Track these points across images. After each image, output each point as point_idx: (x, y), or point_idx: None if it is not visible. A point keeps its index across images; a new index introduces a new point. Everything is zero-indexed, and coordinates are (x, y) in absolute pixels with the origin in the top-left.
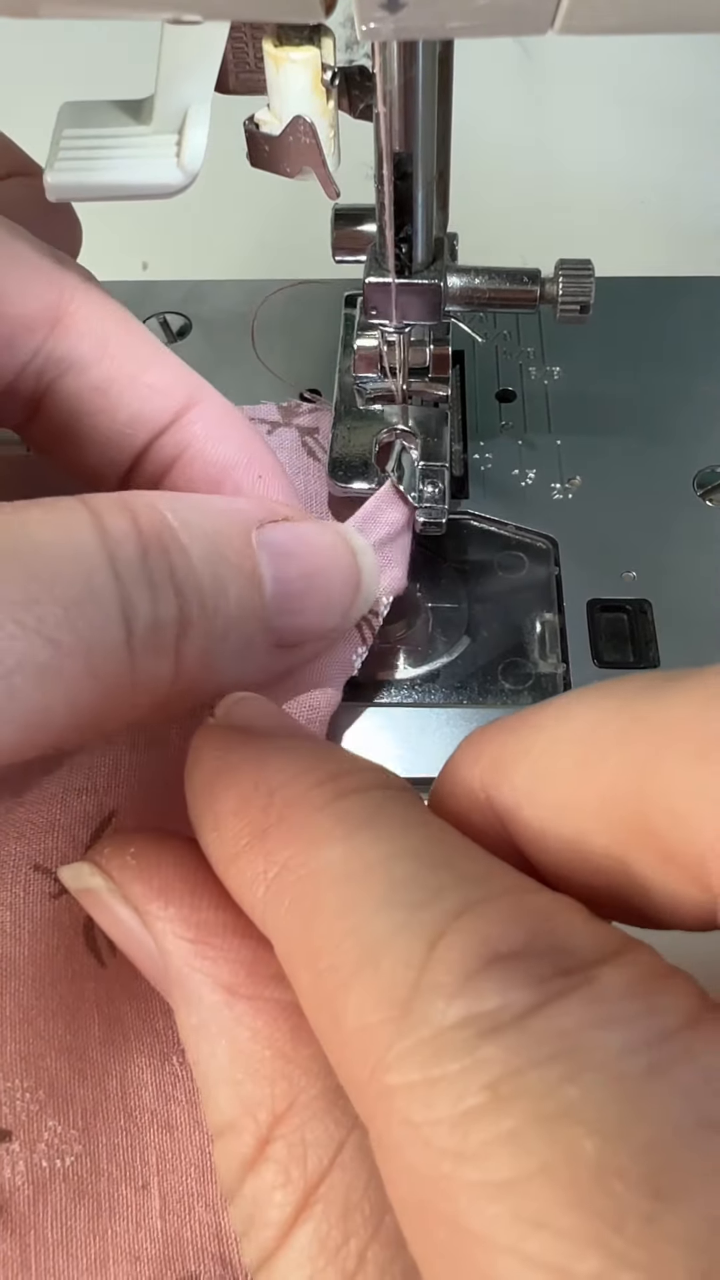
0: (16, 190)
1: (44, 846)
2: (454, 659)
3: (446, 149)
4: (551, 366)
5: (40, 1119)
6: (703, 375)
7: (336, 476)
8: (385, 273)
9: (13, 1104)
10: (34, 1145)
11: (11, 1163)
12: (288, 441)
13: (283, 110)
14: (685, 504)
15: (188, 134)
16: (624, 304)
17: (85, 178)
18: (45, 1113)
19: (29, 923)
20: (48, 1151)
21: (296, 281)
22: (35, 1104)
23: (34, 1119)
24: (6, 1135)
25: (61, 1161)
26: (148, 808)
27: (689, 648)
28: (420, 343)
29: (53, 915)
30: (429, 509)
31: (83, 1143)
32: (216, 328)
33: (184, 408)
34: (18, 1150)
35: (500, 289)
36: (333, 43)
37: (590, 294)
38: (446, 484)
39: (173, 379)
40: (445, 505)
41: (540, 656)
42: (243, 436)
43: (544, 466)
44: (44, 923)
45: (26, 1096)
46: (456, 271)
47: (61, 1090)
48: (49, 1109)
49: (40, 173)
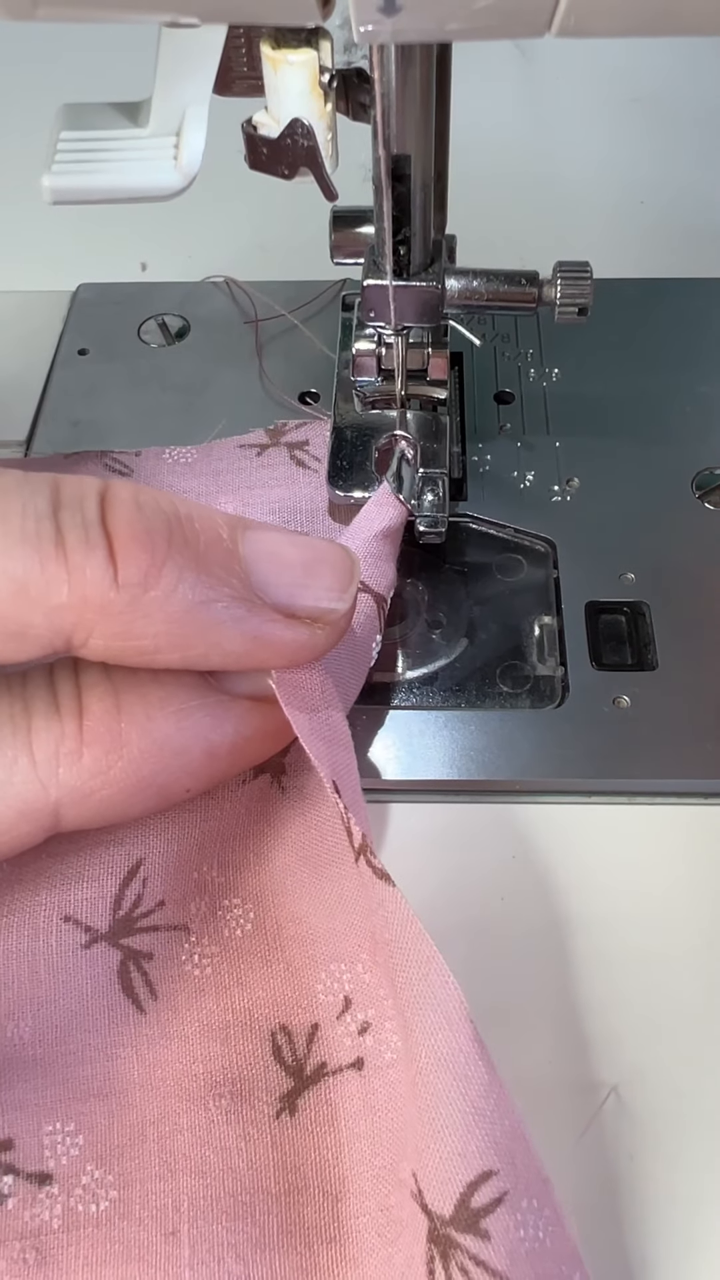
0: None
1: (73, 897)
2: (452, 661)
3: (445, 151)
4: (550, 368)
5: (80, 1164)
6: (701, 377)
7: (336, 484)
8: (383, 275)
9: (54, 1149)
10: (71, 1190)
11: (50, 1205)
12: (277, 460)
13: (280, 112)
14: (684, 506)
15: (185, 136)
16: (622, 306)
17: (83, 180)
18: (85, 1157)
19: (62, 973)
20: (84, 1196)
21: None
22: (75, 1148)
23: (74, 1164)
24: (47, 1179)
25: (96, 1206)
26: (174, 857)
27: (687, 649)
28: (419, 344)
29: (85, 965)
30: (429, 517)
31: (118, 1188)
32: (215, 330)
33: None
34: (56, 1193)
35: (499, 291)
36: (330, 45)
37: (589, 296)
38: (445, 491)
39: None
40: (445, 513)
41: (538, 659)
42: None
43: (542, 468)
44: (77, 972)
45: (67, 1141)
46: (455, 274)
47: (100, 1135)
48: (89, 1154)
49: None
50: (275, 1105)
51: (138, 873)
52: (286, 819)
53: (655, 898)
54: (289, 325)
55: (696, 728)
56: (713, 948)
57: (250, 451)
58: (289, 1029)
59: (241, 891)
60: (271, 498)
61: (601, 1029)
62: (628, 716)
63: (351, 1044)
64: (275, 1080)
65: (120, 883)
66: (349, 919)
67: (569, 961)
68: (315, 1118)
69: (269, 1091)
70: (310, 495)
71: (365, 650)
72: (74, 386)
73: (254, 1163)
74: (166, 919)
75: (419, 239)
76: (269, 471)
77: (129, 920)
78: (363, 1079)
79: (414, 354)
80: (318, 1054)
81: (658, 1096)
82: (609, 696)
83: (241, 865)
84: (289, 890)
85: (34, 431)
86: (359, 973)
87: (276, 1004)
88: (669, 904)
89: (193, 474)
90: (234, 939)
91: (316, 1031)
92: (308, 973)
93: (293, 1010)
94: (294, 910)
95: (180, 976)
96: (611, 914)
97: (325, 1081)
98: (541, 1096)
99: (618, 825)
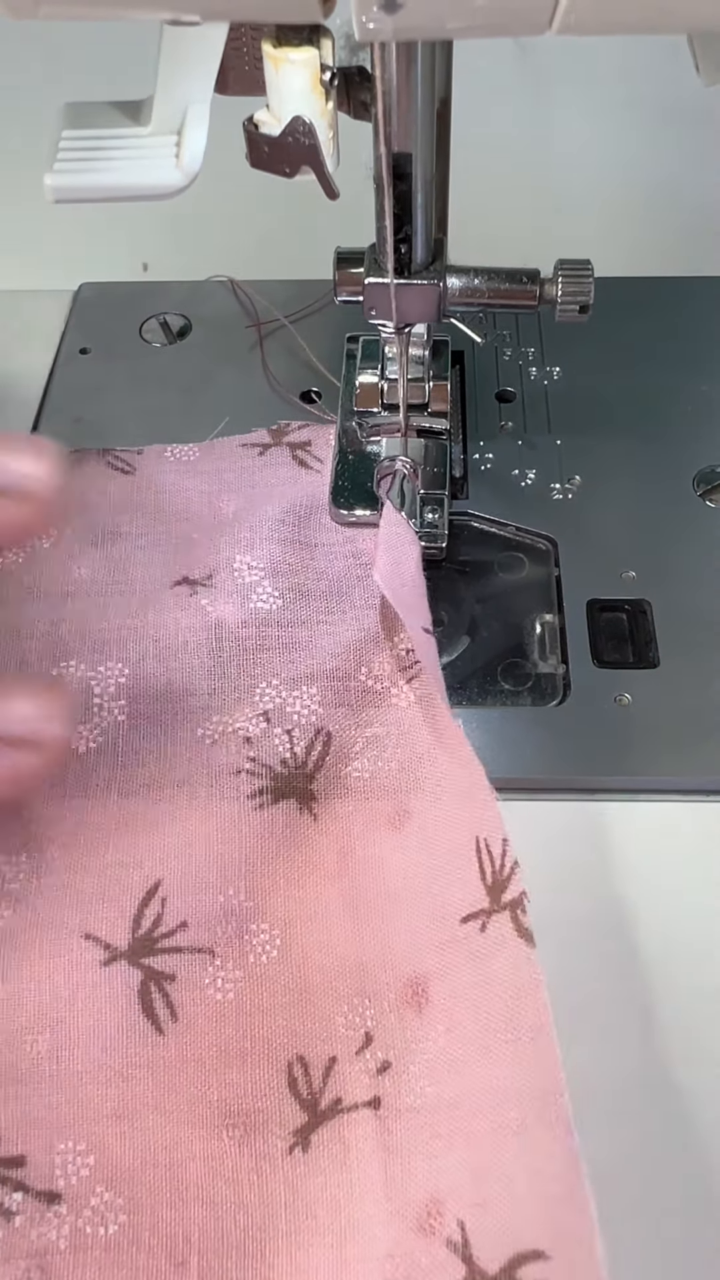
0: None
1: (94, 916)
2: (454, 659)
3: (446, 150)
4: (551, 367)
5: (90, 1184)
6: (702, 375)
7: (339, 504)
8: (385, 274)
9: (64, 1168)
10: (80, 1211)
11: (58, 1225)
12: (280, 459)
13: (282, 111)
14: (685, 504)
15: (187, 135)
16: (623, 304)
17: (85, 179)
18: (95, 1179)
19: (82, 989)
20: (92, 1218)
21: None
22: (85, 1169)
23: (84, 1184)
24: (56, 1198)
25: (105, 1230)
26: (193, 879)
27: (688, 647)
28: (418, 380)
29: (105, 983)
30: (429, 534)
31: (128, 1212)
32: (217, 329)
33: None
34: (64, 1213)
35: (500, 289)
36: (331, 43)
37: (590, 294)
38: (446, 511)
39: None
40: (445, 531)
41: (540, 657)
42: None
43: (544, 467)
44: (96, 989)
45: (78, 1161)
46: (456, 272)
47: (111, 1157)
48: (99, 1175)
49: None
50: (289, 1140)
51: (156, 893)
52: (320, 847)
53: (657, 894)
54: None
55: (698, 725)
56: (712, 943)
57: (252, 451)
58: (306, 1060)
59: (269, 917)
60: (274, 498)
61: (606, 1025)
62: (629, 714)
63: (369, 1082)
64: (289, 1113)
65: (139, 902)
66: (384, 955)
67: (570, 957)
68: (328, 1155)
69: (282, 1125)
70: (312, 495)
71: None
72: (76, 385)
73: (265, 1199)
74: (190, 941)
75: (420, 237)
76: (271, 471)
77: (149, 940)
78: (379, 1120)
79: (414, 388)
80: (333, 1089)
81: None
82: (610, 694)
83: (270, 891)
84: (319, 919)
85: (36, 430)
86: (384, 1010)
87: (295, 1034)
88: (671, 900)
89: (195, 473)
90: (259, 965)
91: (334, 1066)
92: (330, 1004)
93: (311, 1042)
94: (323, 939)
95: (202, 1000)
96: (613, 910)
97: (339, 1119)
98: None
99: (619, 822)
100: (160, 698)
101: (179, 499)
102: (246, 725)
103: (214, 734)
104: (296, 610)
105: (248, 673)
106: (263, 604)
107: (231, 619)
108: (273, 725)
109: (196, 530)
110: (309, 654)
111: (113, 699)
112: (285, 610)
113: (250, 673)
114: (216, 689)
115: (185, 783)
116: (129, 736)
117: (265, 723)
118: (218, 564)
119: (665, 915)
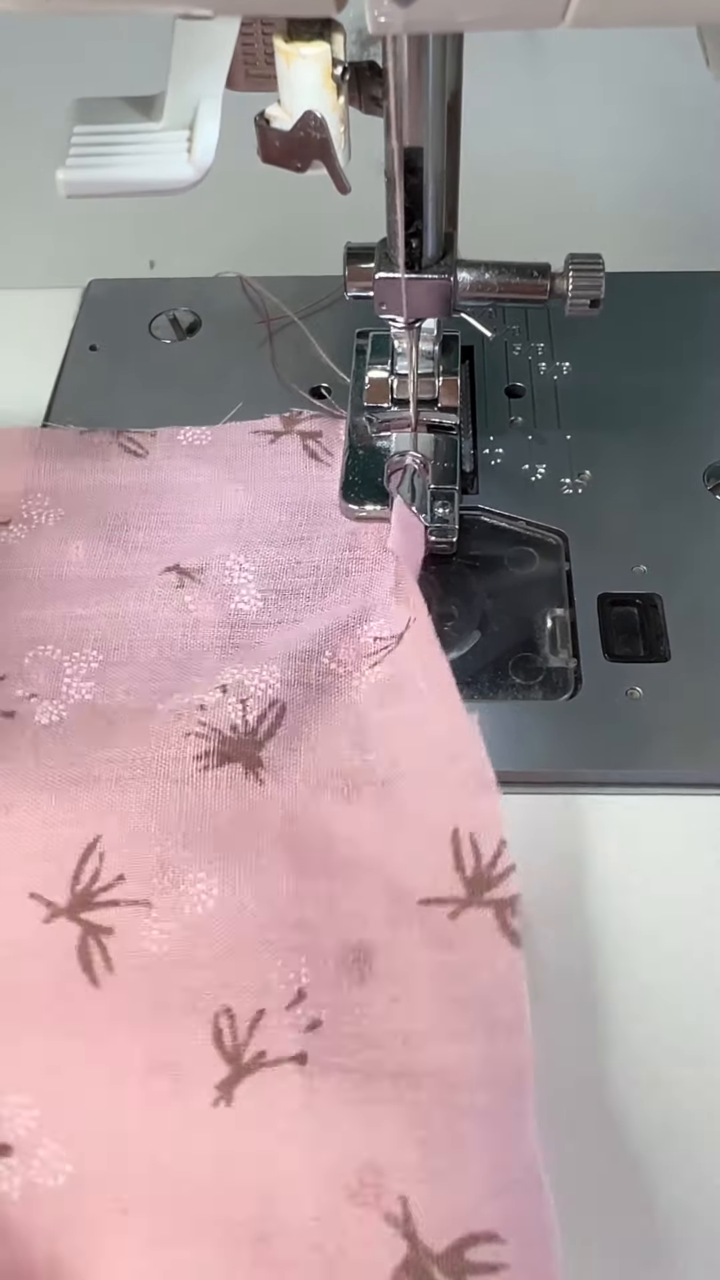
0: None
1: (37, 874)
2: (465, 653)
3: (456, 144)
4: (561, 362)
5: (37, 1136)
6: (712, 370)
7: (349, 499)
8: (395, 268)
9: (12, 1121)
10: (29, 1162)
11: (9, 1177)
12: (290, 448)
13: (293, 105)
14: (695, 498)
15: (199, 129)
16: (633, 299)
17: (97, 174)
18: (41, 1130)
19: (22, 946)
20: (41, 1169)
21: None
22: (32, 1120)
23: (32, 1135)
24: (8, 1150)
25: (54, 1180)
26: (131, 833)
27: (699, 641)
28: (428, 375)
29: (45, 938)
30: (440, 528)
31: (73, 1162)
32: (226, 325)
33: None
34: (15, 1165)
35: (510, 283)
36: (343, 38)
37: (601, 288)
38: (456, 506)
39: None
40: (455, 525)
41: (551, 651)
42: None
43: (554, 461)
44: (36, 946)
45: (24, 1114)
46: (467, 266)
47: (53, 1110)
48: (44, 1128)
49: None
50: (213, 1094)
51: (95, 847)
52: (264, 810)
53: (669, 887)
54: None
55: (709, 718)
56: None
57: (264, 438)
58: (233, 1013)
59: (206, 868)
60: (282, 491)
61: (617, 1019)
62: (640, 707)
63: (296, 1037)
64: (211, 1066)
65: (78, 859)
66: (326, 917)
67: (582, 950)
68: (252, 1110)
69: (206, 1079)
70: (321, 489)
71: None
72: (85, 382)
73: (194, 1151)
74: (128, 894)
75: (431, 232)
76: (281, 461)
77: (88, 894)
78: (304, 1075)
79: (424, 384)
80: (258, 1042)
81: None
82: (621, 688)
83: (209, 842)
84: (259, 873)
85: (45, 427)
86: (320, 970)
87: (226, 986)
88: (682, 894)
89: (205, 459)
90: (194, 916)
91: (261, 1018)
92: (264, 958)
93: (241, 995)
94: (262, 893)
95: (138, 953)
96: (624, 903)
97: (262, 1072)
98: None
99: (630, 816)
100: (127, 683)
101: (188, 483)
102: (203, 697)
103: (174, 709)
104: (276, 611)
105: (216, 667)
106: (244, 605)
107: (211, 618)
108: (228, 696)
109: (201, 519)
110: (277, 644)
111: (82, 680)
112: (264, 612)
113: (218, 666)
114: (183, 679)
115: (134, 746)
116: (89, 713)
117: (221, 693)
118: (211, 559)
119: (679, 905)
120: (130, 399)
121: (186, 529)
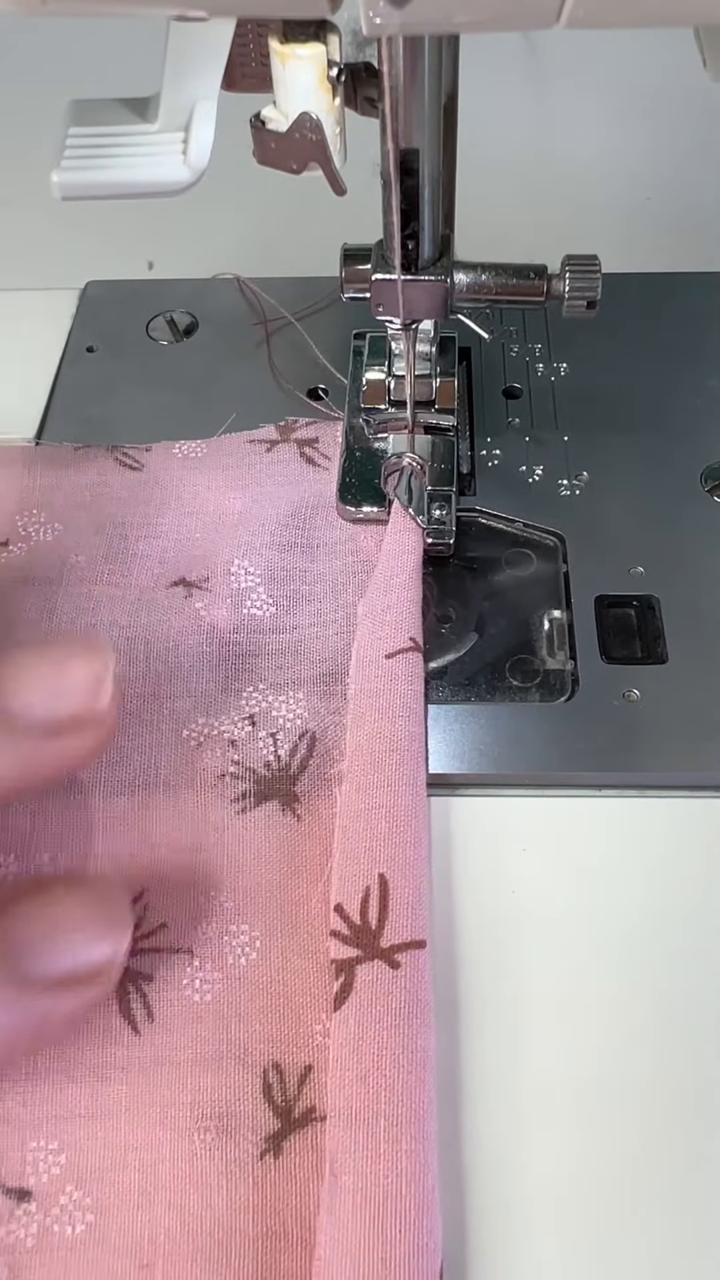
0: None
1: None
2: (462, 655)
3: (453, 145)
4: (558, 363)
5: (60, 1183)
6: (710, 371)
7: (346, 501)
8: (392, 270)
9: (35, 1165)
10: (49, 1209)
11: (26, 1224)
12: (286, 456)
13: (289, 107)
14: (693, 499)
15: (194, 131)
16: (630, 300)
17: (92, 176)
18: (66, 1178)
19: None
20: (60, 1216)
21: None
22: (57, 1167)
23: (55, 1182)
24: (27, 1195)
25: (72, 1229)
26: (173, 880)
27: (697, 643)
28: (425, 377)
29: None
30: (437, 530)
31: (95, 1212)
32: (224, 326)
33: None
34: (34, 1211)
35: (507, 284)
36: (338, 39)
37: (598, 289)
38: (453, 508)
39: None
40: (452, 527)
41: (548, 653)
42: None
43: (551, 463)
44: None
45: (49, 1160)
46: (463, 268)
47: (82, 1156)
48: (69, 1174)
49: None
50: (260, 1145)
51: (141, 898)
52: (302, 849)
53: (667, 891)
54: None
55: (707, 721)
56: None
57: (260, 447)
58: (281, 1067)
59: (250, 918)
60: (280, 496)
61: (613, 1022)
62: (638, 710)
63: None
64: (262, 1119)
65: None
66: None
67: (580, 954)
68: (300, 1163)
69: (255, 1130)
70: (318, 493)
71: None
72: (83, 384)
73: (233, 1202)
74: (169, 941)
75: (427, 233)
76: (278, 469)
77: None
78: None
79: (421, 385)
80: (308, 1097)
81: (665, 1092)
82: (619, 690)
83: (252, 892)
84: (300, 922)
85: (43, 429)
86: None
87: (272, 1040)
88: (681, 897)
89: (202, 469)
90: (237, 967)
91: (309, 1074)
92: (308, 1012)
93: (287, 1048)
94: (304, 944)
95: (179, 1001)
96: (622, 907)
97: (313, 1127)
98: (545, 1090)
99: (628, 819)
100: (148, 698)
101: (185, 495)
102: (232, 729)
103: (199, 736)
104: (290, 616)
105: (236, 677)
106: (256, 610)
107: (224, 624)
108: (258, 729)
109: (200, 528)
110: (298, 658)
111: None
112: (279, 617)
113: (239, 677)
114: (204, 691)
115: (170, 785)
116: (115, 735)
117: (250, 726)
118: (215, 567)
119: (677, 909)
120: (128, 400)
121: (187, 540)
